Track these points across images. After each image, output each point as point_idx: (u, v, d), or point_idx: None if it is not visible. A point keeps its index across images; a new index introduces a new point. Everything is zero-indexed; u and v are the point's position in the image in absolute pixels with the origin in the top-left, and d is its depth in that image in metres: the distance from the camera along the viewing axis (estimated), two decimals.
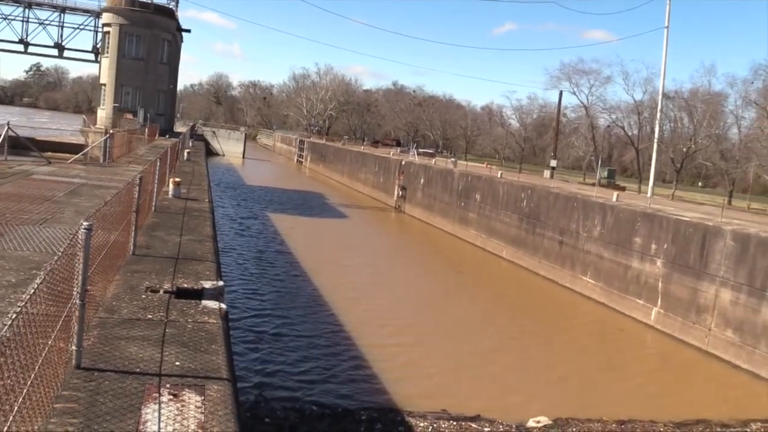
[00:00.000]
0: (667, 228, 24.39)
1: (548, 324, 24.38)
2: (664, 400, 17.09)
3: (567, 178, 68.93)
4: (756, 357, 20.07)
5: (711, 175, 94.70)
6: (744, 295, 20.75)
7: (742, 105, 75.01)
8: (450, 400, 15.13)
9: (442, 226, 44.84)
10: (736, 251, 21.26)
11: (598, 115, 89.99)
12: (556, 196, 32.38)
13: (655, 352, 22.43)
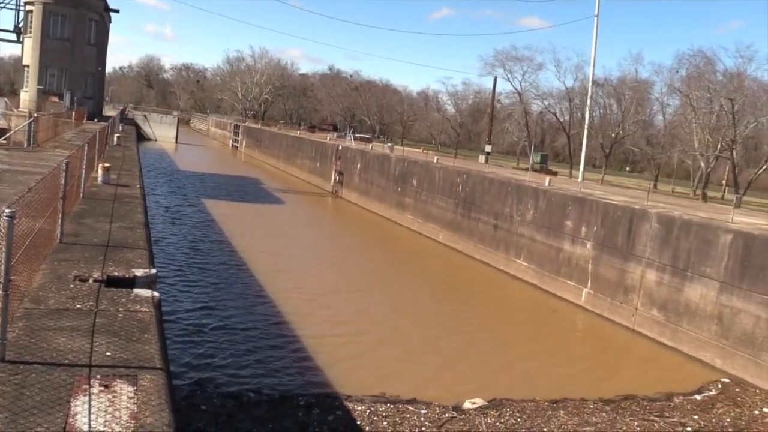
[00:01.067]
0: (597, 211, 25.16)
1: (484, 307, 24.84)
2: (593, 379, 17.71)
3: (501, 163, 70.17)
4: (679, 334, 21.01)
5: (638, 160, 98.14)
6: (668, 276, 21.65)
7: (667, 92, 77.92)
8: (388, 384, 15.28)
9: (379, 211, 45.00)
10: (661, 233, 22.13)
11: (531, 101, 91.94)
12: (490, 181, 32.92)
13: (585, 332, 23.17)
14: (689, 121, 61.79)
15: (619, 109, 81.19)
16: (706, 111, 58.67)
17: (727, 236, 19.86)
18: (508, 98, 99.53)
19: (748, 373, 18.62)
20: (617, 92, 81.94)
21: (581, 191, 28.40)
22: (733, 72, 61.69)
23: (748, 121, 58.56)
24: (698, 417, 15.53)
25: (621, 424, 14.55)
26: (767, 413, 16.36)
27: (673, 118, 77.59)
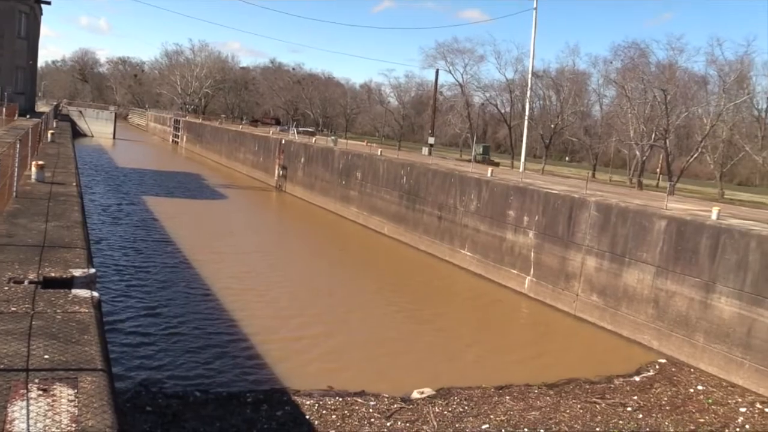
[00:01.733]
0: (538, 201, 25.68)
1: (430, 298, 25.09)
2: (538, 364, 18.12)
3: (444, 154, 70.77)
4: (618, 318, 21.68)
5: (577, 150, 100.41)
6: (607, 262, 22.29)
7: (603, 84, 79.91)
8: (337, 378, 15.32)
9: (324, 205, 44.89)
10: (599, 221, 22.76)
11: (473, 93, 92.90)
12: (434, 173, 33.21)
13: (529, 320, 23.65)
14: (625, 111, 63.41)
15: (558, 101, 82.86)
16: (640, 101, 60.32)
17: (661, 222, 20.57)
18: (450, 90, 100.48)
19: (683, 353, 19.37)
20: (556, 84, 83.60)
21: (523, 181, 28.94)
22: (665, 63, 63.69)
23: (680, 111, 60.52)
24: (637, 397, 16.08)
25: (564, 407, 14.94)
26: (701, 391, 17.07)
27: (609, 109, 79.65)
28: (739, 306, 18.00)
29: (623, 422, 14.41)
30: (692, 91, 64.53)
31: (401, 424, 13.11)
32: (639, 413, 15.04)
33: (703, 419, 15.12)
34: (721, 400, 16.58)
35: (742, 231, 18.37)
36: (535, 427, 13.65)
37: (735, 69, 62.43)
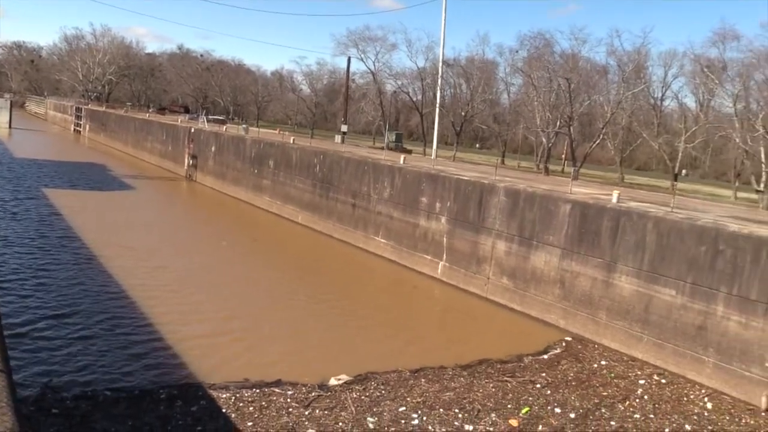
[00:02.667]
0: (450, 187, 26.19)
1: (346, 286, 25.20)
2: (452, 347, 18.56)
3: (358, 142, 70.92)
4: (527, 299, 22.48)
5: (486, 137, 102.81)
6: (516, 245, 23.04)
7: (510, 72, 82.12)
8: (254, 369, 15.19)
9: (236, 195, 44.16)
10: (508, 206, 23.46)
11: (385, 81, 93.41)
12: (347, 161, 33.26)
13: (443, 304, 24.14)
14: (531, 99, 65.45)
15: (468, 89, 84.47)
16: (546, 90, 62.36)
17: (566, 206, 21.42)
18: (362, 78, 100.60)
19: (587, 330, 20.32)
20: (466, 72, 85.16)
21: (435, 168, 29.41)
22: (568, 53, 66.11)
23: (582, 99, 63.05)
24: (546, 374, 16.78)
25: (478, 386, 15.41)
26: (604, 366, 17.98)
27: (516, 97, 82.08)
28: (637, 284, 19.04)
29: (533, 398, 15.01)
30: (594, 80, 67.40)
31: (320, 411, 13.17)
32: (547, 389, 15.69)
33: (606, 393, 15.94)
34: (623, 373, 17.52)
35: (640, 213, 19.39)
36: (450, 407, 14.01)
37: (633, 59, 65.58)
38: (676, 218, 18.58)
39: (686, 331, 17.72)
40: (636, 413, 14.83)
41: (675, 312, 18.03)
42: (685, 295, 17.81)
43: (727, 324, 16.86)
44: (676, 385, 17.06)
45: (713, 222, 18.11)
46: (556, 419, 14.02)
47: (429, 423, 13.13)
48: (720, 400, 16.28)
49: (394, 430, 12.67)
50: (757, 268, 16.27)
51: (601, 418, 14.36)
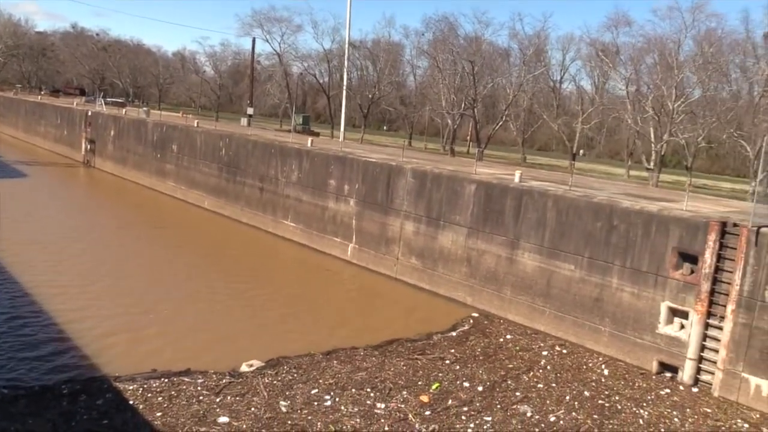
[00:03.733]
0: (358, 170, 26.29)
1: (257, 271, 24.91)
2: (363, 328, 18.76)
3: (264, 125, 69.83)
4: (436, 278, 22.96)
5: (394, 119, 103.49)
6: (424, 225, 23.44)
7: (416, 55, 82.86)
8: (162, 359, 14.88)
9: (138, 180, 42.64)
10: (415, 187, 23.81)
11: (291, 62, 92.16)
12: (254, 144, 32.74)
13: (354, 285, 24.29)
14: (437, 81, 66.29)
15: (375, 71, 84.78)
16: (450, 72, 63.34)
17: (471, 186, 21.96)
18: (268, 60, 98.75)
19: (493, 306, 21.01)
20: (372, 54, 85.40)
21: (342, 151, 29.42)
22: (472, 36, 67.35)
23: (486, 81, 64.49)
24: (455, 350, 17.25)
25: (389, 365, 15.67)
26: (510, 339, 18.67)
27: (422, 79, 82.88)
28: (539, 260, 19.82)
29: (443, 374, 15.42)
30: (497, 63, 69.05)
31: (231, 398, 13.05)
32: (456, 365, 16.16)
33: (512, 365, 16.58)
34: (527, 346, 18.25)
35: (541, 192, 20.15)
36: (362, 386, 14.20)
37: (533, 43, 67.59)
38: (574, 196, 19.44)
39: (584, 303, 18.64)
40: (540, 383, 15.51)
41: (574, 285, 18.92)
42: (583, 269, 18.70)
43: (621, 295, 17.85)
44: (576, 354, 17.94)
45: (608, 199, 19.06)
46: (465, 393, 14.48)
47: (342, 403, 13.27)
48: (616, 366, 17.25)
49: (307, 412, 12.73)
50: (648, 241, 17.28)
51: (507, 389, 14.94)
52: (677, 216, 17.02)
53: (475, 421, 13.04)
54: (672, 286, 16.79)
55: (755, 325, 15.23)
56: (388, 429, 12.30)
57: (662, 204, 19.14)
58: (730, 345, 15.63)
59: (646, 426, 13.70)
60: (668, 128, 49.24)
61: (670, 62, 50.56)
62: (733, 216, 17.40)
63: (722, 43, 53.78)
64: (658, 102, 50.55)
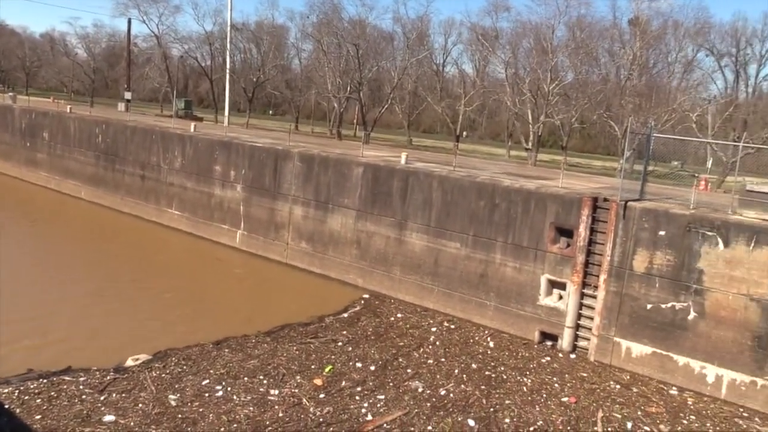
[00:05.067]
0: (244, 155, 25.80)
1: (142, 262, 23.99)
2: (255, 315, 18.53)
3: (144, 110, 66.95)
4: (326, 262, 23.03)
5: (280, 103, 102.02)
6: (312, 209, 23.40)
7: (301, 38, 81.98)
8: (41, 360, 14.07)
9: (6, 171, 39.85)
10: (303, 171, 23.69)
11: (170, 45, 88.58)
12: (133, 130, 31.36)
13: (244, 272, 23.89)
14: (322, 65, 65.88)
15: (259, 54, 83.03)
16: (336, 56, 63.16)
17: (359, 169, 22.12)
18: (146, 42, 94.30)
19: (384, 286, 21.35)
20: (256, 37, 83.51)
21: (227, 136, 28.75)
22: (356, 20, 67.36)
23: (371, 65, 64.79)
24: (347, 332, 17.42)
25: (281, 351, 15.62)
26: (400, 318, 19.06)
27: (308, 63, 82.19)
28: (427, 240, 20.31)
29: (335, 356, 15.55)
30: (381, 47, 69.48)
31: (117, 395, 12.58)
32: (349, 346, 16.34)
33: (403, 343, 16.95)
34: (417, 323, 18.71)
35: (426, 173, 20.60)
36: (254, 374, 14.08)
37: (416, 27, 68.55)
38: (458, 176, 20.01)
39: (470, 279, 19.31)
40: (430, 359, 15.97)
41: (460, 263, 19.54)
42: (468, 247, 19.35)
43: (504, 270, 18.63)
44: (464, 329, 18.59)
45: (490, 178, 19.76)
46: (358, 373, 14.68)
47: (234, 393, 13.11)
48: (501, 338, 18.04)
49: (198, 404, 12.49)
50: (528, 218, 18.11)
51: (399, 367, 15.28)
52: (554, 193, 17.92)
53: (369, 400, 13.27)
54: (550, 260, 17.71)
55: (625, 292, 16.37)
56: (282, 415, 12.29)
57: (540, 182, 20.10)
58: (603, 312, 16.72)
59: (529, 393, 14.45)
60: (544, 110, 51.49)
61: (545, 47, 52.77)
62: (604, 192, 18.54)
63: (592, 29, 56.79)
64: (534, 85, 52.69)
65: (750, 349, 14.82)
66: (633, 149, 24.84)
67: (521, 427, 12.75)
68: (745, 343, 14.88)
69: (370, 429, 12.06)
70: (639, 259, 16.15)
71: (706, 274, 15.27)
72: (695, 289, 15.40)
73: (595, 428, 13.02)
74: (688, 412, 14.39)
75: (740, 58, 65.18)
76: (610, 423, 13.35)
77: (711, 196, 23.42)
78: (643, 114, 45.99)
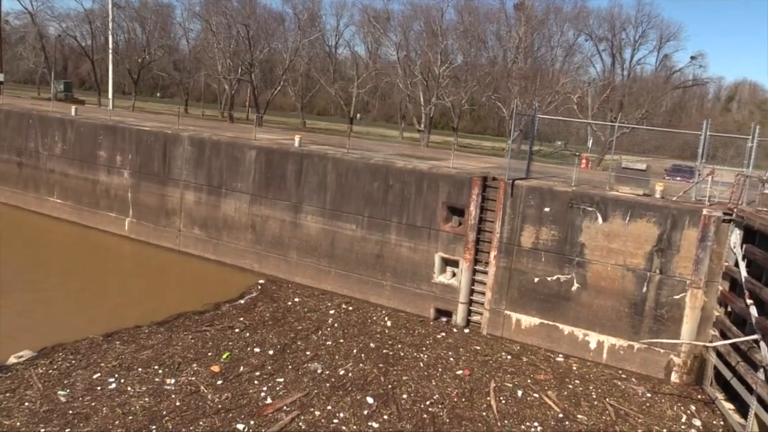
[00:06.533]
0: (130, 139, 24.81)
1: (22, 254, 22.59)
2: (147, 304, 17.97)
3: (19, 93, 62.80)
4: (221, 247, 22.63)
5: (168, 85, 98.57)
6: (205, 195, 22.87)
7: (188, 17, 79.22)
8: None
9: None
10: (194, 155, 23.08)
11: (46, 23, 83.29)
12: (7, 114, 29.38)
13: (134, 261, 23.08)
14: (211, 45, 64.09)
15: (144, 34, 79.60)
16: (225, 36, 61.56)
17: (252, 152, 21.80)
18: (19, 19, 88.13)
19: (281, 270, 21.26)
20: (140, 16, 79.90)
21: (112, 119, 27.50)
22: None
23: (262, 46, 63.66)
24: (244, 318, 17.25)
25: (177, 340, 15.28)
26: (298, 302, 19.06)
27: (196, 43, 79.68)
28: (323, 222, 20.37)
29: (233, 343, 15.39)
30: (272, 28, 68.37)
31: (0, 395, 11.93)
32: (246, 332, 16.20)
33: (301, 326, 16.99)
34: (315, 306, 18.78)
35: (321, 155, 20.60)
36: (149, 364, 13.73)
37: (307, 8, 67.90)
38: (353, 158, 20.15)
39: (367, 260, 19.57)
40: (328, 340, 16.11)
41: (356, 244, 19.75)
42: (364, 228, 19.58)
43: (400, 250, 19.01)
44: (362, 309, 18.85)
45: (383, 160, 20.03)
46: (257, 358, 14.61)
47: (128, 384, 12.74)
48: (398, 317, 18.44)
49: (90, 398, 12.05)
50: (421, 198, 18.52)
51: (298, 350, 15.32)
52: (445, 173, 18.41)
53: (268, 384, 13.26)
54: (444, 238, 18.23)
55: (514, 267, 17.13)
56: (180, 404, 12.08)
57: (432, 163, 20.58)
58: (494, 287, 17.43)
59: (425, 368, 14.89)
60: (435, 92, 52.53)
61: (435, 30, 53.73)
62: (493, 171, 19.23)
63: (479, 12, 58.33)
64: (425, 67, 53.61)
65: (627, 316, 15.92)
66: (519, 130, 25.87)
67: (418, 401, 13.14)
68: (622, 311, 15.97)
69: (270, 412, 12.07)
70: (526, 235, 16.92)
71: (587, 247, 16.23)
72: (578, 261, 16.34)
73: (488, 398, 13.61)
74: (573, 377, 15.31)
75: (616, 43, 68.85)
76: (502, 392, 14.00)
77: (591, 174, 24.82)
78: (529, 96, 47.88)
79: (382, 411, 12.60)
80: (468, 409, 13.05)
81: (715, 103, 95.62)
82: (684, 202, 16.02)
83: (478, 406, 13.23)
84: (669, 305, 15.48)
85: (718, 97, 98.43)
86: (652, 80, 68.01)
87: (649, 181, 17.11)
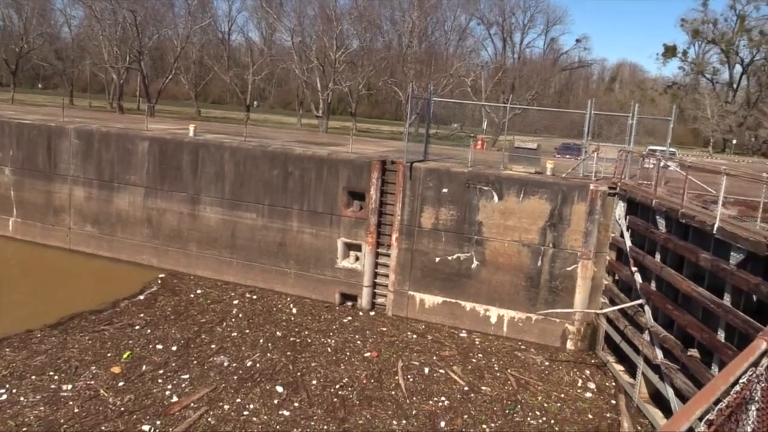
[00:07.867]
0: (11, 133, 23.34)
1: None
2: (38, 308, 17.02)
3: None
4: (115, 244, 21.75)
5: (50, 76, 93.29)
6: (96, 190, 21.89)
7: (70, 3, 75.04)
8: None
9: None
10: (82, 148, 22.01)
11: None
12: None
13: (22, 264, 21.77)
14: (96, 33, 60.99)
15: (21, 21, 74.75)
16: (111, 23, 58.71)
17: (144, 144, 21.03)
18: None
19: (180, 264, 20.70)
20: (16, 2, 74.95)
21: None
22: None
23: (151, 33, 61.22)
24: (144, 314, 16.71)
25: (72, 343, 14.63)
26: (200, 294, 18.65)
27: (79, 30, 75.62)
28: (222, 213, 19.97)
29: (133, 341, 14.89)
30: (161, 14, 65.84)
31: None
32: (147, 329, 15.71)
33: (205, 319, 16.65)
34: (218, 298, 18.44)
35: (217, 144, 20.15)
36: (43, 371, 13.08)
37: None
38: (250, 146, 19.83)
39: (269, 249, 19.37)
40: (234, 332, 15.87)
41: (258, 233, 19.50)
42: (265, 217, 19.35)
43: (302, 237, 18.93)
44: (267, 299, 18.68)
45: (282, 147, 19.83)
46: (159, 355, 14.21)
47: (20, 394, 12.09)
48: (303, 304, 18.39)
49: None
50: (321, 184, 18.49)
51: (203, 344, 15.02)
52: (345, 158, 18.45)
53: (173, 382, 12.94)
54: (345, 223, 18.30)
55: (415, 248, 17.44)
56: (78, 410, 11.59)
57: (332, 148, 20.57)
58: (397, 269, 17.69)
59: (333, 353, 14.97)
60: (332, 77, 52.31)
61: (330, 14, 53.39)
62: (392, 155, 19.45)
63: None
64: (321, 53, 53.23)
65: (524, 290, 16.58)
66: (416, 113, 26.22)
67: (328, 386, 13.21)
68: (520, 285, 16.61)
69: (177, 410, 11.79)
70: (426, 216, 17.25)
71: (484, 225, 16.74)
72: (476, 239, 16.83)
73: (396, 378, 13.85)
74: (476, 351, 15.82)
75: (506, 27, 70.81)
76: (410, 371, 14.29)
77: (486, 155, 25.55)
78: (424, 79, 48.60)
79: (292, 399, 12.58)
80: (377, 390, 13.24)
81: (599, 83, 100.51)
82: (573, 178, 16.81)
83: (387, 386, 13.44)
84: (562, 277, 16.24)
85: (602, 78, 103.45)
86: (540, 63, 70.57)
87: (540, 160, 17.82)
